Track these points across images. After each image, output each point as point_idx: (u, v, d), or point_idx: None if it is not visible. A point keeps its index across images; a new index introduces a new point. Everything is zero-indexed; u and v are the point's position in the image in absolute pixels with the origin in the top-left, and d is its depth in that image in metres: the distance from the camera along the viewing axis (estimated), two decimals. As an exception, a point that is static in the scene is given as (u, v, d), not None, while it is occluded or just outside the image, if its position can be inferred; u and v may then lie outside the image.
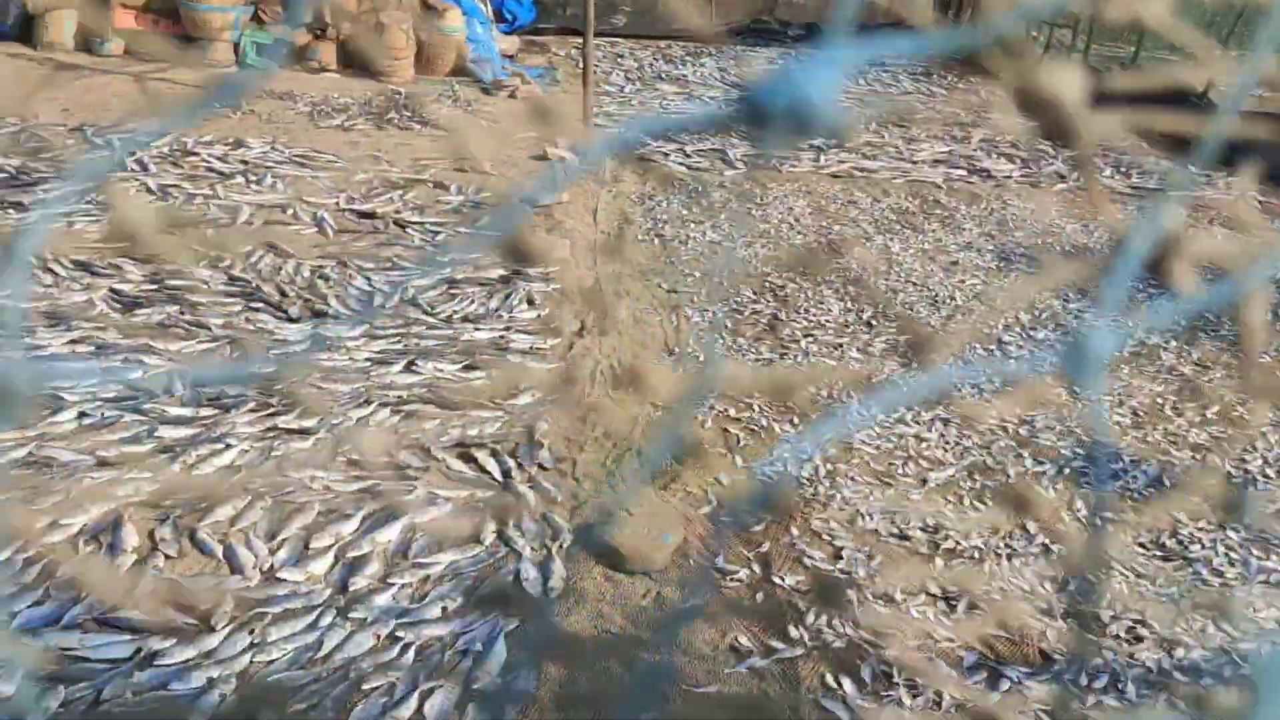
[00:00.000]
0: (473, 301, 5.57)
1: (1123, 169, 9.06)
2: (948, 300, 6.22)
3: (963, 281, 6.51)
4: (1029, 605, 3.60)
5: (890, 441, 4.56)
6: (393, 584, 3.41)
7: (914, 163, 8.92)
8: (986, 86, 11.55)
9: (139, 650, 3.02)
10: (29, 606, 3.14)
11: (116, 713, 2.80)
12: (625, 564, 3.62)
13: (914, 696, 3.16)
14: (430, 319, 5.33)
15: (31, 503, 3.57)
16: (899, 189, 8.23)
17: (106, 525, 3.51)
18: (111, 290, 5.15)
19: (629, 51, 12.36)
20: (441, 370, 4.80)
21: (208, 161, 7.00)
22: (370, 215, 6.53)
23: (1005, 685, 3.22)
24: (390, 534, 3.63)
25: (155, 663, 2.99)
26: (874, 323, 5.83)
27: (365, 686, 2.98)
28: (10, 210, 5.94)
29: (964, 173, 8.79)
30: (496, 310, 5.50)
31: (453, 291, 5.66)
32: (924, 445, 4.55)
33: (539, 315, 5.53)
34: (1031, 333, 5.86)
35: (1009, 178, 8.76)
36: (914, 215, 7.63)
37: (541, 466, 4.18)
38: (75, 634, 3.05)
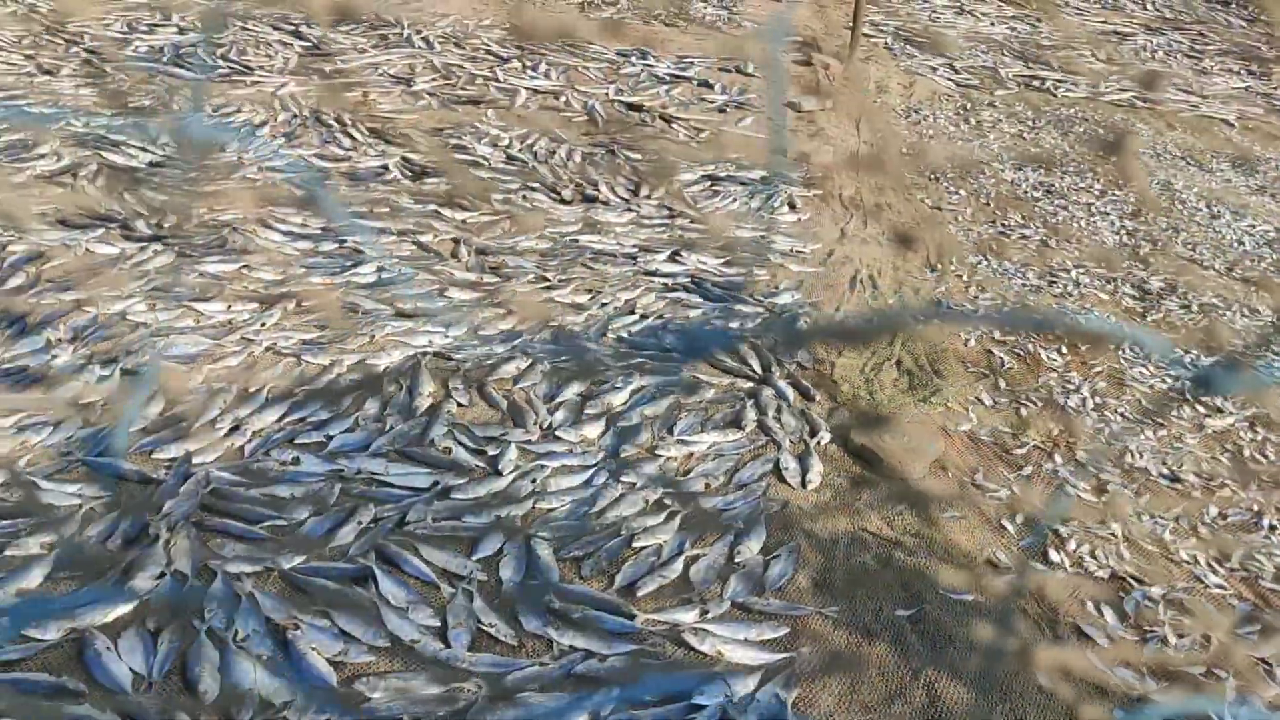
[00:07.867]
0: (735, 200, 5.63)
1: None
2: (1234, 245, 5.80)
3: (1253, 226, 6.05)
4: (1312, 565, 3.41)
5: (1165, 383, 4.35)
6: (660, 455, 3.57)
7: (1203, 96, 8.27)
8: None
9: (436, 483, 3.31)
10: (343, 432, 3.48)
11: (419, 534, 3.08)
12: (884, 468, 3.65)
13: (1179, 636, 3.07)
14: (693, 213, 5.43)
15: (342, 342, 3.92)
16: (1185, 123, 7.66)
17: (406, 370, 3.82)
18: (404, 158, 5.49)
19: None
20: (704, 263, 4.90)
21: (487, 45, 7.28)
22: (638, 108, 6.65)
23: (1281, 640, 3.09)
24: (658, 409, 3.79)
25: (451, 496, 3.26)
26: (1150, 260, 5.52)
27: (636, 544, 3.16)
28: (315, 76, 6.39)
29: (1260, 111, 8.09)
30: (758, 210, 5.55)
31: (716, 189, 5.73)
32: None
33: (799, 219, 5.54)
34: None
35: (1314, 120, 8.00)
36: (1201, 153, 7.09)
37: (801, 365, 4.24)
38: (381, 461, 3.37)
